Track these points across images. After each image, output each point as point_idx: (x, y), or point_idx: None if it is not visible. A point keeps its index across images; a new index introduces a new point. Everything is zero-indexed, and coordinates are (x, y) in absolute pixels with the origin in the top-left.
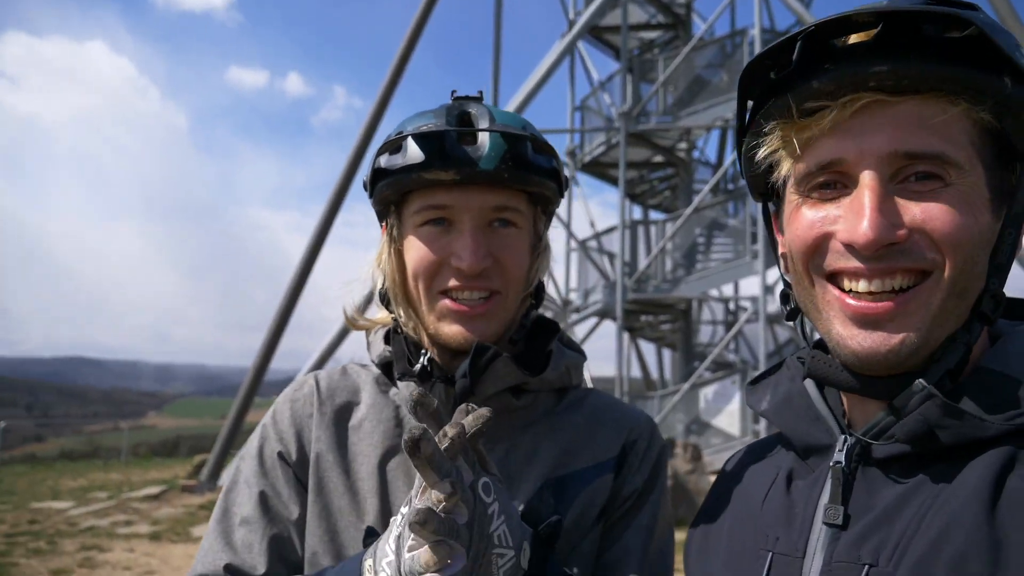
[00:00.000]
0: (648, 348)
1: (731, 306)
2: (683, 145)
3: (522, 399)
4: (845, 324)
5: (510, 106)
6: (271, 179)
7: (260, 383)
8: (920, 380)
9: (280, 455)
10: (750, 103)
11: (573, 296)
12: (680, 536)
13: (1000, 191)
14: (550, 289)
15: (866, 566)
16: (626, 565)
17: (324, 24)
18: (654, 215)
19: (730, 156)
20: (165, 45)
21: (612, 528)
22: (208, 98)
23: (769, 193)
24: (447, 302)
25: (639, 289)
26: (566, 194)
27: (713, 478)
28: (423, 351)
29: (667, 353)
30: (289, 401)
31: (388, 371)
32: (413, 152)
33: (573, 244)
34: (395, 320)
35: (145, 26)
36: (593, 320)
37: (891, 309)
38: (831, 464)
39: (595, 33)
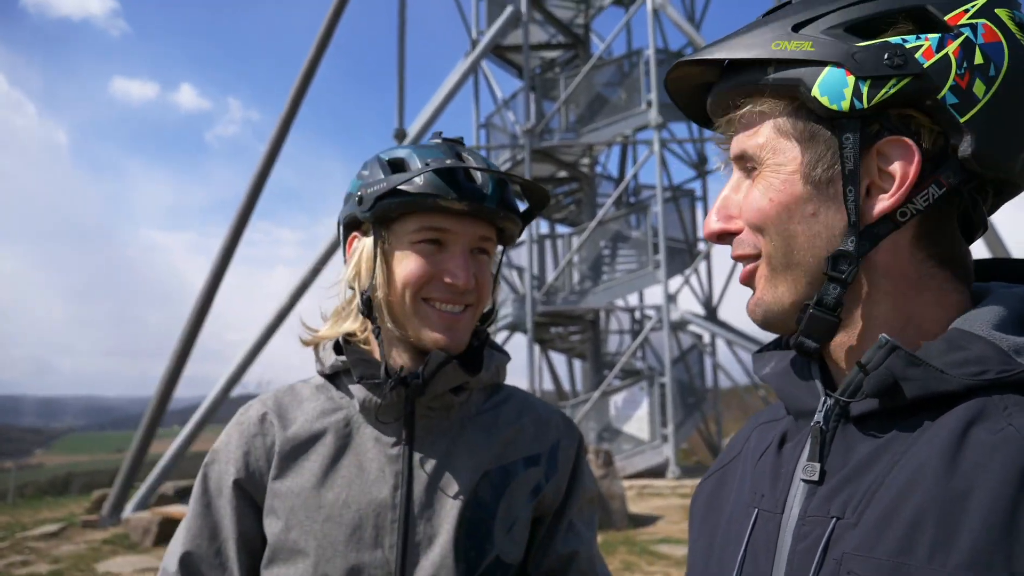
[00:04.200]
0: (559, 359)
1: (637, 315)
2: (586, 160)
3: (460, 396)
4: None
5: (417, 124)
6: (166, 198)
7: (164, 412)
8: (883, 335)
9: (228, 482)
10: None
11: None
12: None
13: (825, 158)
14: None
15: (834, 519)
16: (575, 561)
17: (216, 33)
18: (560, 229)
19: (631, 170)
20: (40, 56)
21: (552, 524)
22: (91, 113)
23: None
24: (432, 311)
25: (548, 302)
26: None
27: (625, 483)
28: (378, 360)
29: (577, 363)
30: (236, 425)
31: (333, 380)
32: (430, 180)
33: None
34: (344, 334)
35: (16, 35)
36: (504, 334)
37: (745, 277)
38: (812, 424)
39: (498, 52)
